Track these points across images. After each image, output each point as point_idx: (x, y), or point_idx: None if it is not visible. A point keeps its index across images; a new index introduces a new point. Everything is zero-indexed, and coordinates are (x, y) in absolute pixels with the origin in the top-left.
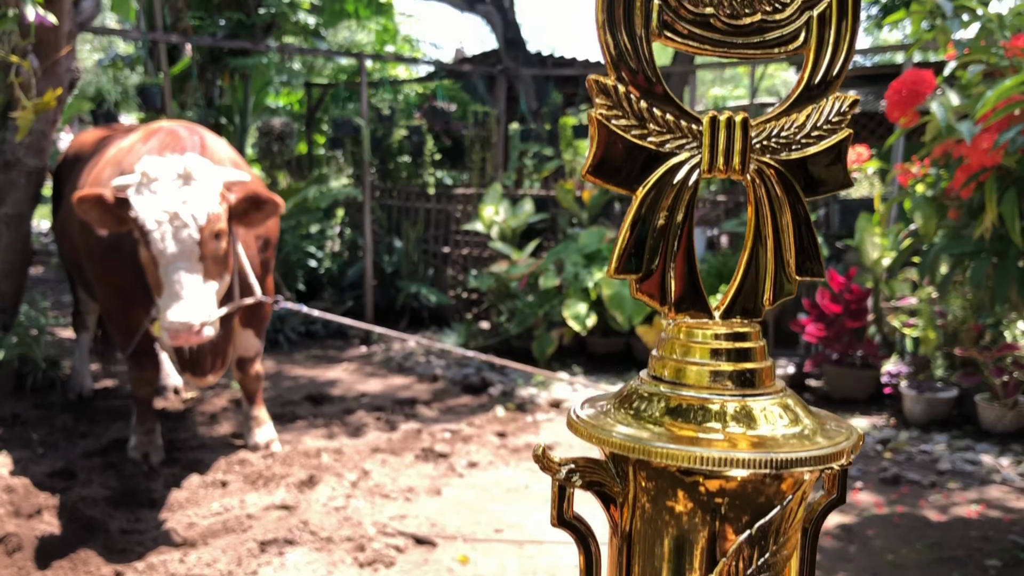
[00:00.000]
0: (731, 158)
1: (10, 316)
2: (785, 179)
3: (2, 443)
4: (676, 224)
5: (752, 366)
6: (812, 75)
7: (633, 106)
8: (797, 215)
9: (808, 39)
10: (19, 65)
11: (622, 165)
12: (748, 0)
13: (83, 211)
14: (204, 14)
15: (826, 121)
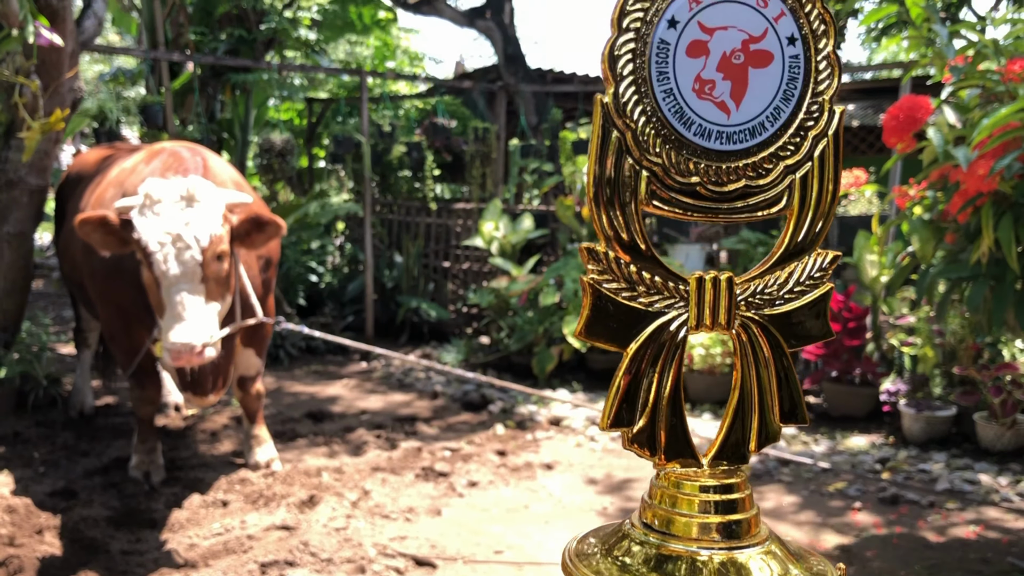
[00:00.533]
0: (717, 315)
1: (12, 334)
2: (769, 333)
3: (3, 462)
4: (665, 378)
5: (739, 517)
6: (795, 234)
7: (623, 270)
8: (781, 366)
9: (791, 201)
10: (23, 85)
11: (613, 325)
12: (732, 168)
13: (85, 233)
14: (206, 29)
15: (808, 277)
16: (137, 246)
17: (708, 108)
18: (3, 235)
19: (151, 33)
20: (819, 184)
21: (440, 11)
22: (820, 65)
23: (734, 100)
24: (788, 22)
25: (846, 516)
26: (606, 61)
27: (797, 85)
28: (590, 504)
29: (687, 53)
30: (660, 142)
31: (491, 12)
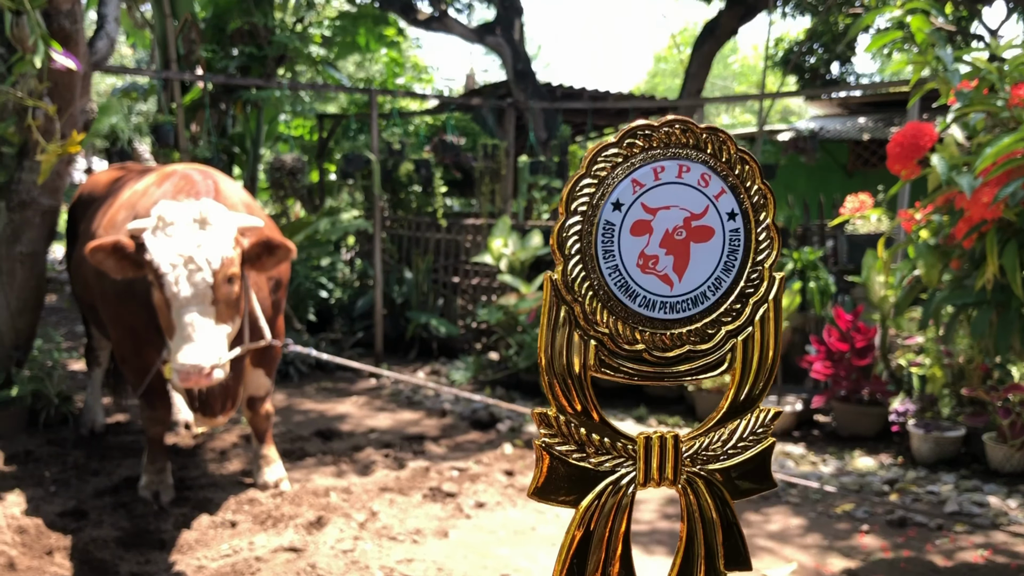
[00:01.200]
0: (664, 471)
1: (24, 352)
2: (713, 487)
3: (15, 481)
4: (616, 532)
5: None
6: (737, 394)
7: (573, 433)
8: (725, 517)
9: (733, 363)
10: (36, 108)
11: (565, 485)
12: (676, 335)
13: (98, 260)
14: (217, 46)
15: (751, 433)
16: (149, 267)
17: (652, 281)
18: (16, 254)
19: (163, 50)
20: (760, 346)
21: (450, 27)
22: (760, 236)
23: (677, 273)
24: (728, 199)
25: (853, 539)
26: (555, 241)
27: (738, 256)
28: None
29: (631, 232)
30: (607, 314)
31: (500, 28)
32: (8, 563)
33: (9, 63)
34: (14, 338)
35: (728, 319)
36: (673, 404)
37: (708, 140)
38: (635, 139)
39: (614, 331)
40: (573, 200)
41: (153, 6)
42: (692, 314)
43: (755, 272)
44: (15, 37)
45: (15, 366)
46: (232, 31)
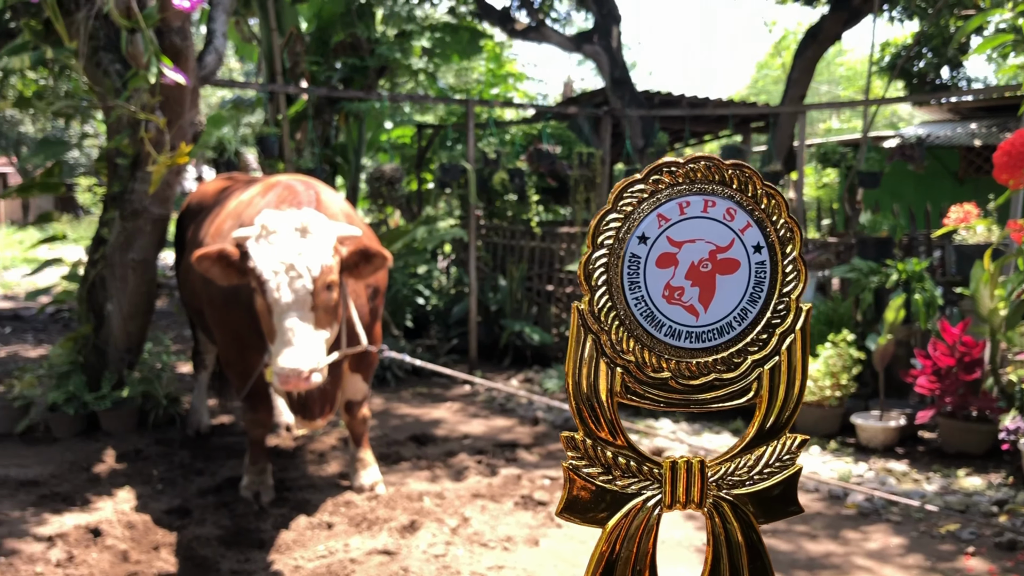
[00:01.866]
0: (691, 495)
1: (135, 355)
2: (739, 511)
3: (125, 478)
4: (642, 552)
5: None
6: (764, 422)
7: (599, 456)
8: (750, 540)
9: (760, 390)
10: (148, 121)
11: (592, 506)
12: (702, 363)
13: (204, 268)
14: (321, 59)
15: (777, 459)
16: (252, 274)
17: (678, 311)
18: (128, 261)
19: (269, 63)
20: (787, 375)
21: (547, 37)
22: (787, 268)
23: (702, 304)
24: (754, 232)
25: (957, 561)
26: (582, 273)
27: (764, 288)
28: (689, 540)
29: (657, 264)
30: (633, 342)
31: (598, 36)
32: (123, 556)
33: (124, 79)
34: (126, 341)
35: (754, 349)
36: None
37: (734, 176)
38: (661, 175)
39: (640, 359)
40: (599, 234)
41: (260, 21)
42: (718, 344)
43: (782, 303)
44: (130, 54)
45: (127, 368)
46: (335, 44)
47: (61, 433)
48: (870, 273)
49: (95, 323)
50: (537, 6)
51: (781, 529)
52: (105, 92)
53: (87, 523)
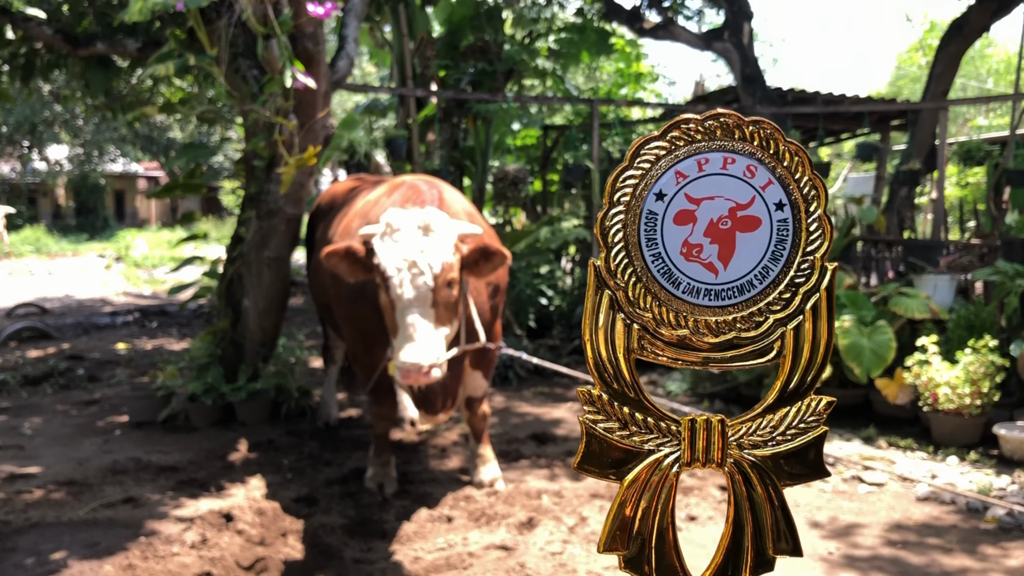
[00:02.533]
0: (710, 454)
1: (270, 349)
2: (761, 471)
3: (257, 467)
4: (658, 509)
5: None
6: (787, 383)
7: (616, 412)
8: (772, 501)
9: (783, 351)
10: (282, 124)
11: (607, 460)
12: (722, 322)
13: (332, 264)
14: (450, 62)
15: (801, 421)
16: (377, 271)
17: (696, 269)
18: (264, 259)
19: (400, 67)
20: (812, 336)
21: (676, 35)
22: (811, 227)
23: (722, 261)
24: (776, 190)
25: None
26: (598, 230)
27: (786, 246)
28: (813, 548)
29: (674, 221)
30: (650, 300)
31: (729, 33)
32: (253, 540)
33: (261, 83)
34: (261, 336)
35: (777, 308)
36: (906, 425)
37: (754, 132)
38: (678, 132)
39: (657, 316)
40: (616, 191)
41: (392, 26)
42: (738, 302)
43: (806, 262)
44: (266, 59)
45: (261, 361)
46: (464, 48)
47: (199, 422)
48: (1016, 276)
49: (232, 318)
50: (667, 4)
51: (912, 541)
52: (243, 97)
53: (220, 508)
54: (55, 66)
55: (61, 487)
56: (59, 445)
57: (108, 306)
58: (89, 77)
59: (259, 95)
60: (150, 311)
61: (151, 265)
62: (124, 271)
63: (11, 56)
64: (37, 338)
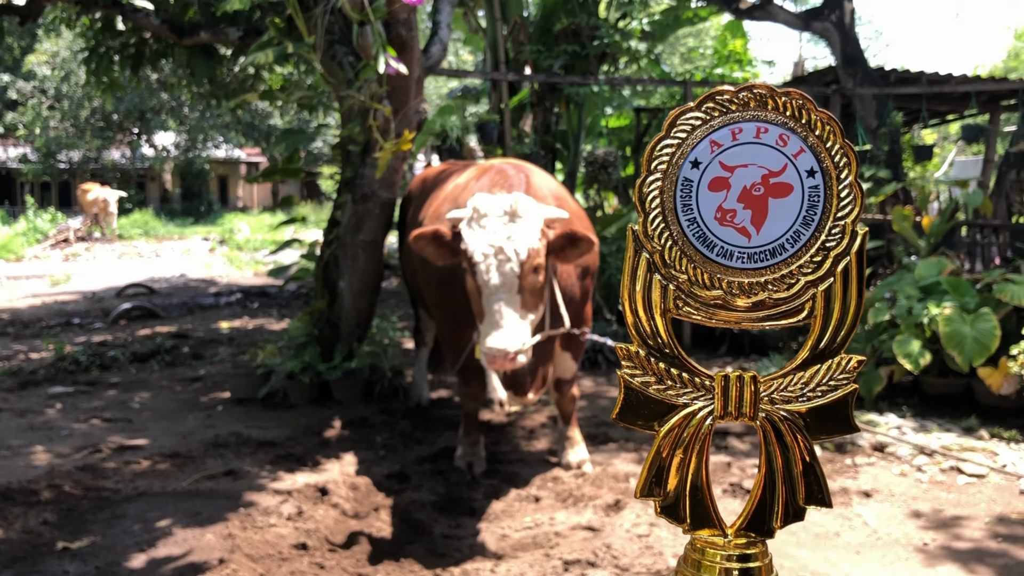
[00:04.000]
0: (743, 408)
1: (364, 330)
2: (792, 424)
3: (351, 443)
4: (692, 459)
5: None
6: (818, 342)
7: (653, 367)
8: (802, 454)
9: (814, 311)
10: (376, 110)
11: (644, 412)
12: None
13: (420, 247)
14: (543, 47)
15: (831, 378)
16: (463, 256)
17: (730, 233)
18: (359, 242)
19: (494, 52)
20: (842, 297)
21: (774, 15)
22: (842, 193)
23: (754, 226)
24: (808, 157)
25: None
26: (636, 197)
27: (817, 211)
28: (909, 538)
29: (709, 188)
30: (685, 262)
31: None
32: (346, 514)
33: (356, 70)
34: (355, 317)
35: (808, 270)
36: (1011, 416)
37: (787, 103)
38: (713, 103)
39: (692, 278)
40: (653, 160)
41: (485, 11)
42: (770, 264)
43: (836, 227)
44: (360, 46)
45: (356, 341)
46: (557, 32)
47: (297, 399)
48: None
49: (329, 299)
50: None
51: (1018, 535)
52: (339, 83)
53: (316, 482)
54: (162, 56)
55: (166, 459)
56: (165, 419)
57: (212, 287)
58: (194, 65)
59: (354, 81)
60: (252, 292)
61: (253, 248)
62: (227, 253)
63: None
64: (145, 317)
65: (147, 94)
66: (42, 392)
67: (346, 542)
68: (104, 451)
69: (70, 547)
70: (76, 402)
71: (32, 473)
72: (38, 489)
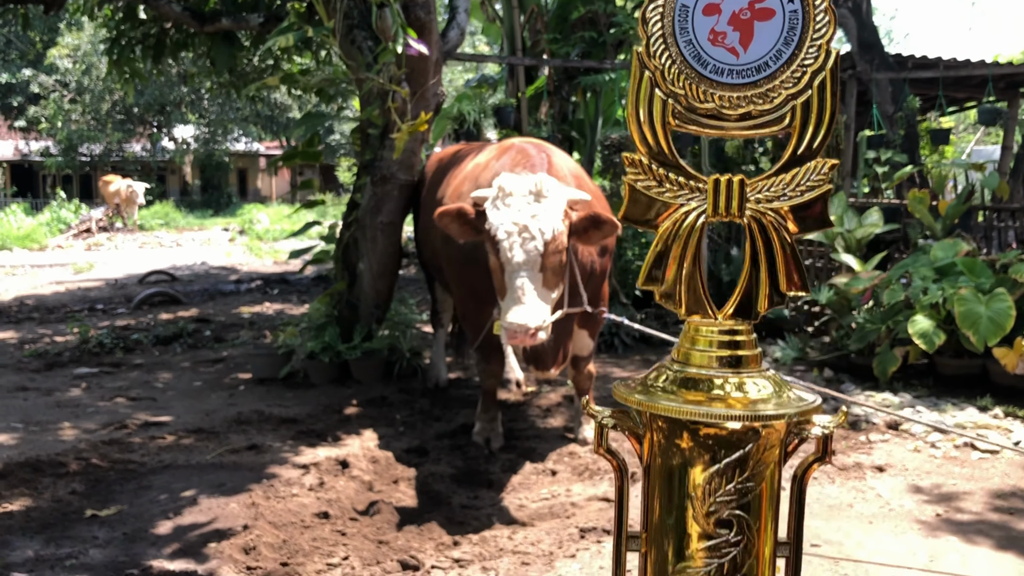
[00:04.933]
0: (731, 207)
1: (383, 311)
2: (775, 220)
3: (371, 421)
4: (687, 252)
5: (741, 353)
6: (797, 147)
7: (654, 172)
8: (785, 246)
9: (794, 120)
10: (395, 92)
11: (647, 212)
12: (742, 97)
13: (444, 224)
14: (560, 35)
15: (809, 180)
16: (487, 234)
17: (721, 53)
18: (377, 224)
19: (511, 40)
20: (818, 109)
21: None
22: (818, 16)
23: (742, 46)
24: None
25: None
26: (640, 21)
27: (797, 32)
28: (921, 510)
29: (703, 12)
30: (683, 79)
31: None
32: (367, 485)
33: (375, 53)
34: (375, 298)
35: (789, 85)
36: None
37: None
38: None
39: (688, 93)
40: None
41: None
42: (756, 79)
43: (814, 46)
44: (379, 28)
45: (375, 322)
46: (575, 20)
47: (317, 379)
48: None
49: (348, 280)
50: None
51: (1022, 508)
52: (358, 66)
53: (337, 456)
54: (183, 46)
55: (190, 434)
56: (188, 398)
57: (233, 274)
58: (215, 53)
59: (373, 65)
60: (271, 279)
61: (272, 238)
62: (247, 243)
63: (143, 36)
64: (167, 303)
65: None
66: (68, 373)
67: (367, 511)
68: (129, 427)
69: (98, 515)
70: (101, 382)
71: (60, 447)
72: (66, 461)
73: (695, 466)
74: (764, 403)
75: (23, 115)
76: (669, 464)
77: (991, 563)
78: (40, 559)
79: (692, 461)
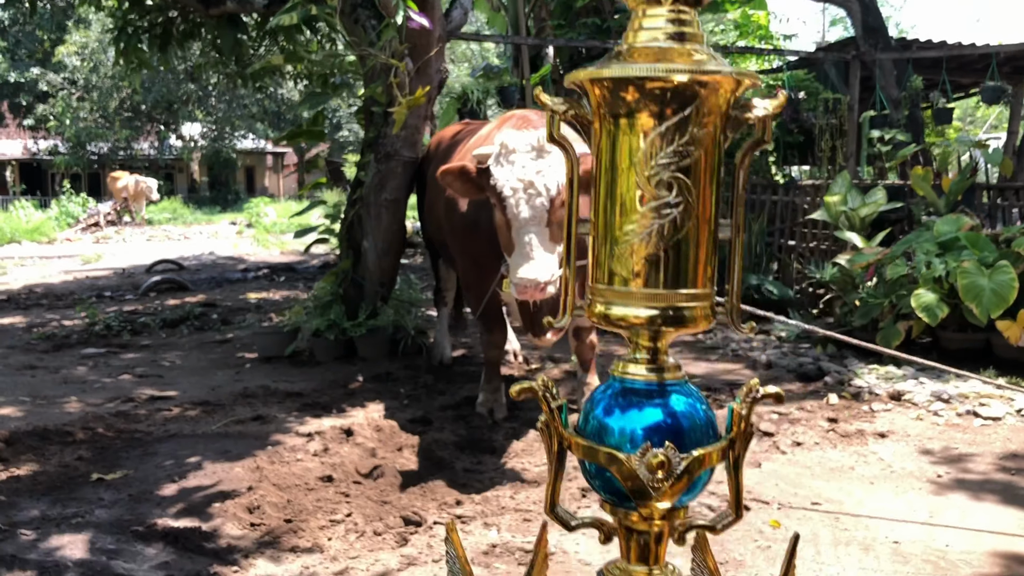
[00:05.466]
0: None
1: (388, 289)
2: None
3: (376, 394)
4: None
5: (686, 30)
6: None
7: None
8: None
9: None
10: (397, 67)
11: None
12: None
13: (448, 183)
14: (564, 22)
15: None
16: (492, 191)
17: None
18: (382, 201)
19: (515, 29)
20: None
21: None
22: None
23: None
24: None
25: None
26: None
27: None
28: (922, 472)
29: None
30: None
31: None
32: (371, 452)
33: (378, 30)
34: (379, 275)
35: None
36: None
37: None
38: None
39: None
40: None
41: None
42: None
43: None
44: (382, 3)
45: (380, 300)
46: (579, 7)
47: (323, 357)
48: None
49: (353, 258)
50: None
51: None
52: (361, 44)
53: (341, 425)
54: (189, 36)
55: (196, 407)
56: (194, 375)
57: (240, 264)
58: (220, 37)
59: (376, 43)
60: (278, 268)
61: (279, 231)
62: (255, 235)
63: (150, 25)
64: (174, 290)
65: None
66: (75, 353)
67: (370, 474)
68: (136, 400)
69: (104, 478)
70: (108, 360)
71: (67, 418)
72: (73, 431)
73: (637, 132)
74: (706, 62)
75: (32, 113)
76: (615, 135)
77: (992, 517)
78: (46, 518)
79: (635, 125)
